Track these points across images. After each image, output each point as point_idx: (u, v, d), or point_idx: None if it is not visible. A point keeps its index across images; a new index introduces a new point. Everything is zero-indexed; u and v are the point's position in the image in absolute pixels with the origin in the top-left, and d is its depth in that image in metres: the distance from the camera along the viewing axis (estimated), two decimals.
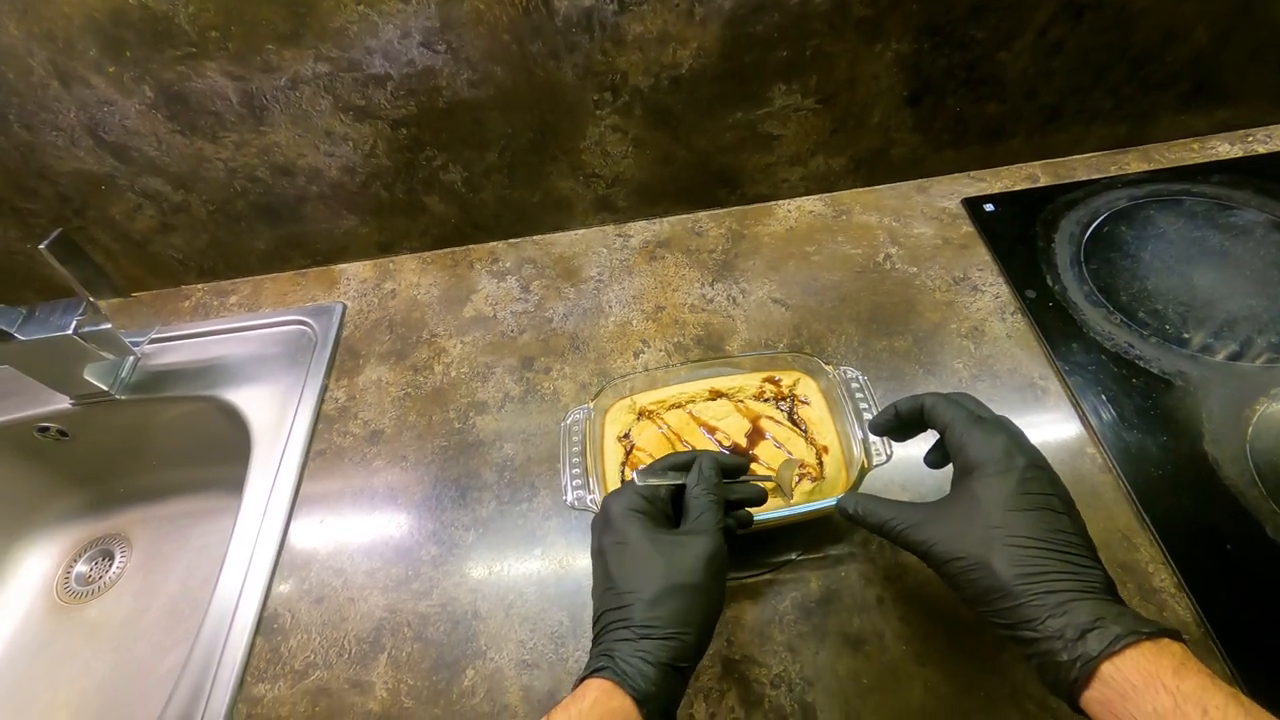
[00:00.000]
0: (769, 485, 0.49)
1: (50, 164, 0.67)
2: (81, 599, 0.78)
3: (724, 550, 0.41)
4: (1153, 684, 0.29)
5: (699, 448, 0.53)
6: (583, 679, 0.37)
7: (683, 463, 0.46)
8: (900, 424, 0.45)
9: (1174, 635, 0.32)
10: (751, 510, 0.47)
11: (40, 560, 0.81)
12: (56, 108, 0.62)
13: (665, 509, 0.44)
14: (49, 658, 0.75)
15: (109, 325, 0.65)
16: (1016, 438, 0.39)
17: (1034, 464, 0.38)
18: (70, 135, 0.65)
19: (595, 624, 0.40)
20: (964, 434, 0.40)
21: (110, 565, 0.80)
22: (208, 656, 0.54)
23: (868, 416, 0.50)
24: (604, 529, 0.42)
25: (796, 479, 0.51)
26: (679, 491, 0.45)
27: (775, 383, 0.56)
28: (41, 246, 0.58)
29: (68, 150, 0.66)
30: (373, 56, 0.61)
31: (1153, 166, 0.76)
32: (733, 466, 0.47)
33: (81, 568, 0.81)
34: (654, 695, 0.35)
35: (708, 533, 0.41)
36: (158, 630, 0.75)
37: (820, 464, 0.52)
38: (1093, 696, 0.31)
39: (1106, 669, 0.31)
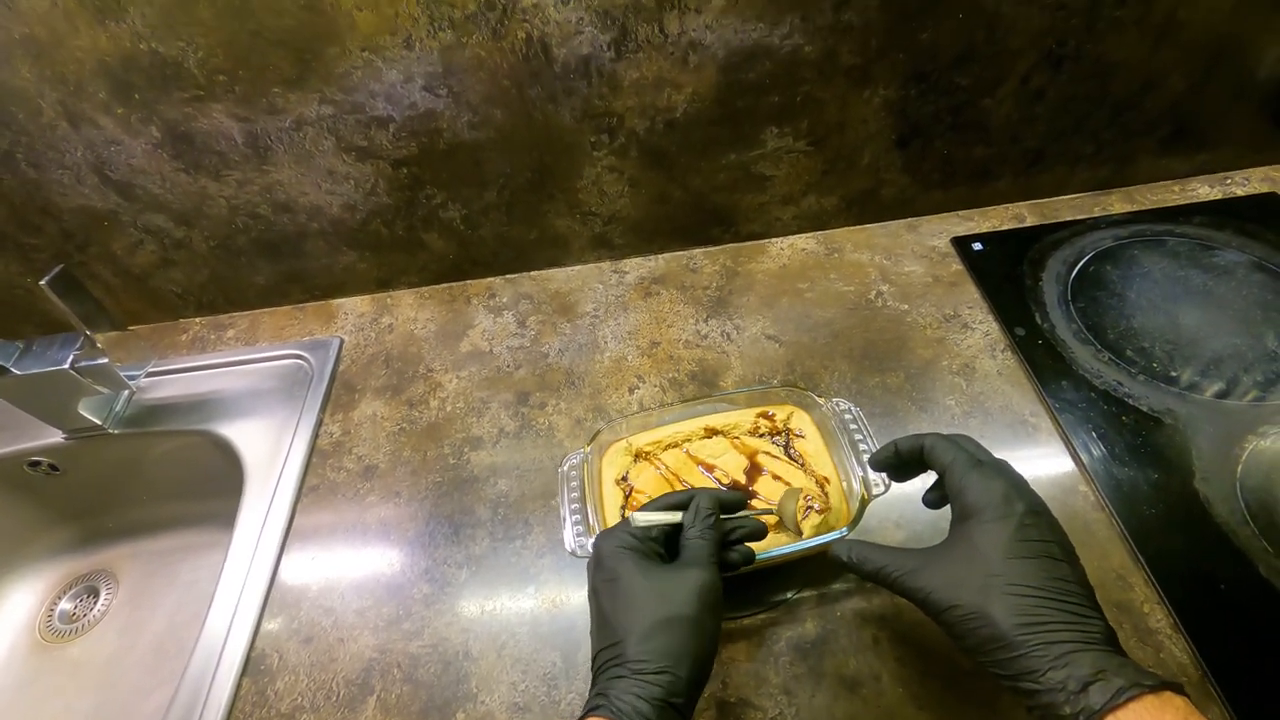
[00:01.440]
0: (770, 519, 0.49)
1: (55, 200, 0.68)
2: (65, 637, 0.77)
3: (717, 583, 0.40)
4: None
5: (698, 486, 0.53)
6: None
7: (680, 501, 0.45)
8: (900, 462, 0.45)
9: (1176, 688, 0.32)
10: (755, 546, 0.47)
11: (24, 597, 0.80)
12: (64, 147, 0.64)
13: (658, 548, 0.44)
14: (30, 698, 0.73)
15: (106, 360, 0.65)
16: (1016, 483, 0.39)
17: (1033, 510, 0.37)
18: (76, 173, 0.66)
19: (593, 664, 0.40)
20: (963, 477, 0.40)
21: (95, 602, 0.79)
22: (193, 698, 0.53)
23: (864, 448, 0.51)
24: (596, 568, 0.42)
25: (805, 511, 0.50)
26: (676, 531, 0.44)
27: (769, 417, 0.57)
28: (42, 283, 0.58)
29: (73, 188, 0.67)
30: (376, 99, 0.63)
31: (1135, 207, 0.78)
32: (731, 502, 0.47)
33: (65, 605, 0.79)
34: None
35: (700, 565, 0.41)
36: (142, 670, 0.73)
37: (825, 494, 0.52)
38: None
39: None
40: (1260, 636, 0.47)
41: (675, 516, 0.44)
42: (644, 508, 0.46)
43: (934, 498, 0.46)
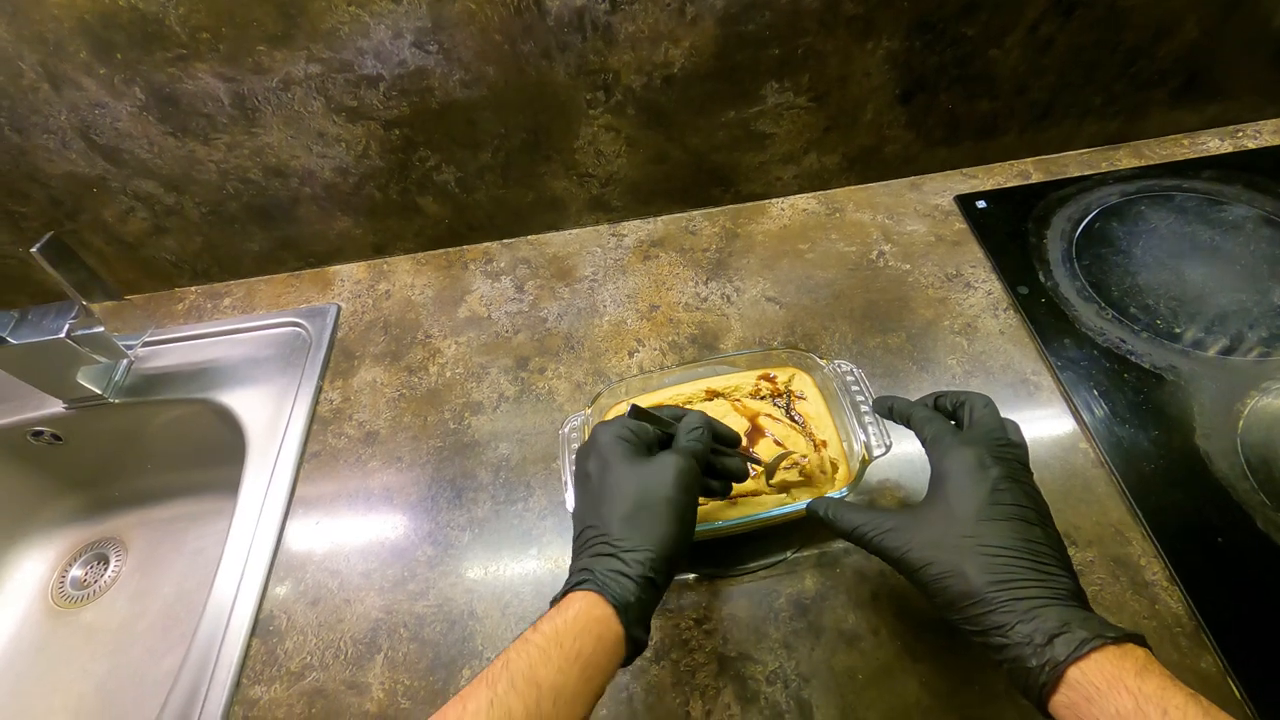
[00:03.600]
0: (756, 469, 0.50)
1: (41, 167, 0.67)
2: (77, 603, 0.78)
3: (695, 470, 0.42)
4: (1116, 686, 0.30)
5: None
6: (564, 594, 0.38)
7: (678, 415, 0.47)
8: (894, 419, 0.47)
9: (1138, 640, 0.33)
10: (760, 507, 0.49)
11: (35, 565, 0.81)
12: (47, 110, 0.62)
13: (650, 448, 0.45)
14: (45, 662, 0.74)
15: (102, 329, 0.65)
16: (993, 450, 0.40)
17: (1007, 475, 0.39)
18: (61, 138, 0.65)
19: (575, 541, 0.42)
20: (939, 444, 0.41)
21: (105, 569, 0.80)
22: (204, 659, 0.54)
23: (865, 409, 0.51)
24: (592, 452, 0.44)
25: (786, 467, 0.51)
26: (669, 439, 0.46)
27: (770, 379, 0.57)
28: (33, 250, 0.58)
29: (59, 153, 0.66)
30: (364, 57, 0.61)
31: (1144, 162, 0.77)
32: (725, 436, 0.48)
33: (76, 572, 0.80)
34: (632, 604, 0.37)
35: (680, 453, 0.42)
36: (153, 634, 0.75)
37: (811, 459, 0.52)
38: (1060, 700, 0.32)
39: (1073, 673, 0.31)
40: (1254, 587, 0.47)
41: (670, 426, 0.46)
42: (643, 409, 0.47)
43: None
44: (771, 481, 0.50)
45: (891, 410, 0.47)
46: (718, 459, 0.46)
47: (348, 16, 0.58)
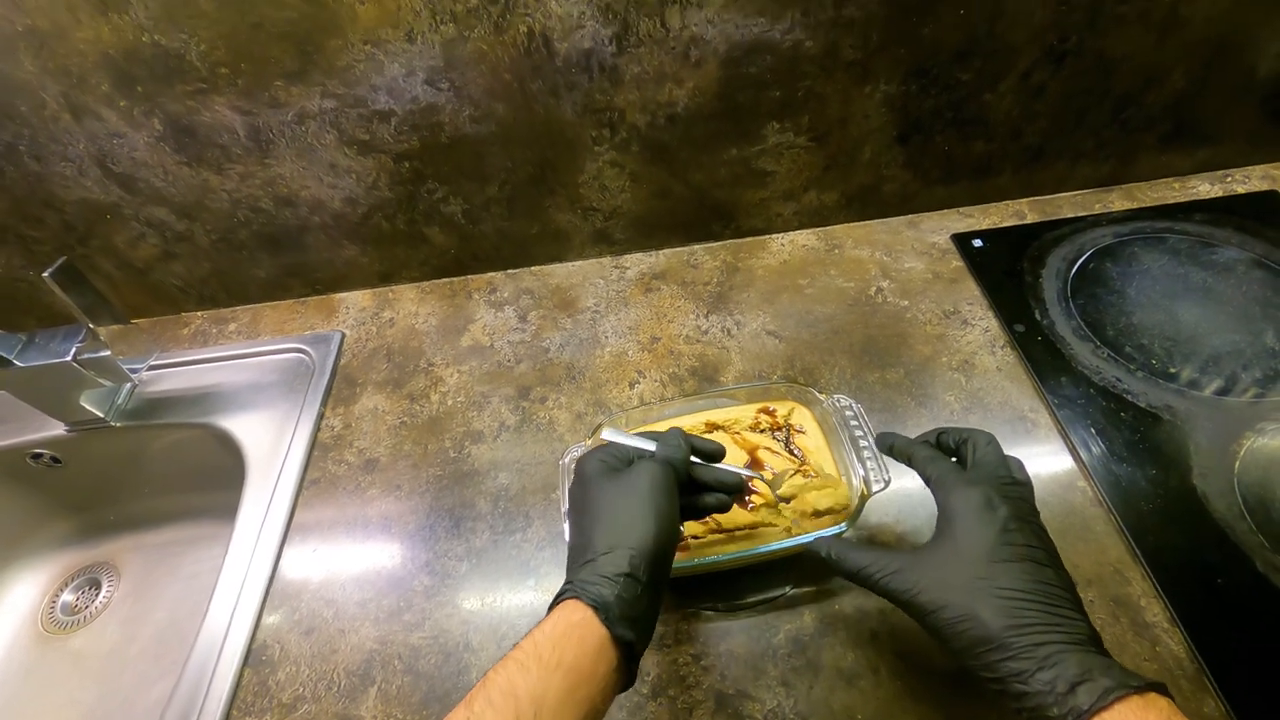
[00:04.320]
0: (756, 499, 0.51)
1: (57, 193, 0.68)
2: (67, 629, 0.77)
3: (669, 473, 0.42)
4: None
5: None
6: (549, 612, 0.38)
7: (657, 436, 0.47)
8: (895, 457, 0.47)
9: (1160, 689, 0.32)
10: (758, 541, 0.48)
11: (26, 589, 0.80)
12: (67, 139, 0.64)
13: (630, 465, 0.45)
14: (32, 689, 0.73)
15: (108, 352, 0.65)
16: (1000, 489, 0.39)
17: (1016, 516, 0.38)
18: (79, 166, 0.66)
19: (567, 571, 0.41)
20: (944, 483, 0.41)
21: (97, 594, 0.79)
22: (194, 688, 0.53)
23: (864, 444, 0.51)
24: (576, 484, 0.45)
25: (790, 473, 0.51)
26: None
27: (770, 413, 0.57)
28: (45, 274, 0.58)
29: (75, 180, 0.67)
30: (378, 93, 0.63)
31: (1136, 205, 0.78)
32: (707, 451, 0.47)
33: (68, 597, 0.80)
34: (612, 602, 0.36)
35: (653, 460, 0.43)
36: (144, 661, 0.74)
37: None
38: None
39: None
40: (1256, 630, 0.47)
41: (647, 444, 0.46)
42: (618, 431, 0.48)
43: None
44: (779, 492, 0.51)
45: (893, 448, 0.47)
46: (703, 470, 0.46)
47: (363, 55, 0.60)
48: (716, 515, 0.52)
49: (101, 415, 0.71)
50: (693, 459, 0.46)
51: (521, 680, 0.33)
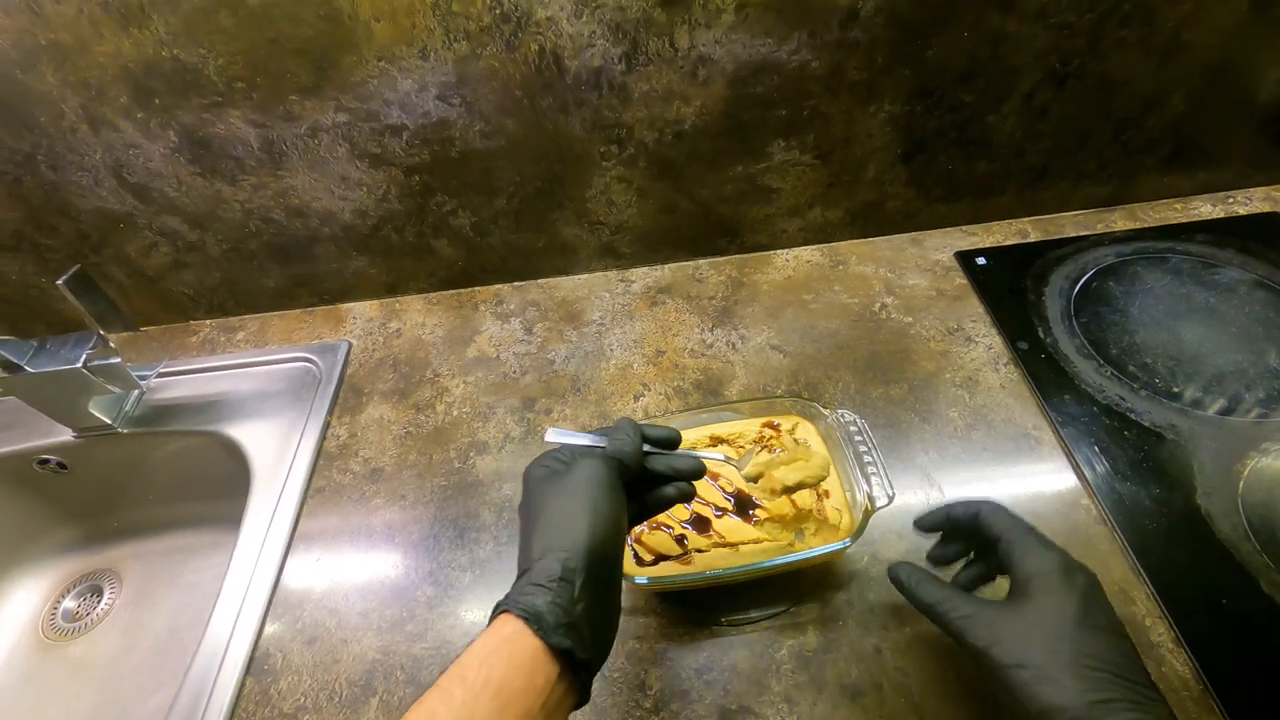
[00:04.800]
0: (759, 513, 0.51)
1: (73, 202, 0.69)
2: (67, 636, 0.77)
3: (606, 470, 0.39)
4: None
5: (702, 495, 0.54)
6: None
7: (607, 430, 0.44)
8: (951, 526, 0.45)
9: None
10: (757, 556, 0.48)
11: (28, 595, 0.80)
12: (84, 150, 0.65)
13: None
14: (30, 697, 0.73)
15: (118, 359, 0.66)
16: (1072, 558, 0.40)
17: (1094, 583, 0.38)
18: (95, 176, 0.67)
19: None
20: (1021, 543, 0.40)
21: (99, 601, 0.79)
22: (196, 696, 0.53)
23: (868, 459, 0.51)
24: (522, 496, 0.42)
25: (757, 449, 0.50)
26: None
27: (774, 427, 0.57)
28: (59, 282, 0.59)
29: (91, 190, 0.68)
30: (390, 108, 0.64)
31: (1138, 225, 0.79)
32: (662, 439, 0.45)
33: (69, 603, 0.79)
34: (543, 610, 0.33)
35: (592, 457, 0.40)
36: (143, 670, 0.73)
37: (820, 507, 0.52)
38: None
39: None
40: (1262, 652, 0.47)
41: (595, 440, 0.43)
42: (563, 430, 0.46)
43: (947, 553, 0.47)
44: (745, 472, 0.49)
45: (949, 517, 0.46)
46: (657, 460, 0.43)
47: (377, 70, 0.61)
48: (719, 529, 0.52)
49: (109, 422, 0.72)
50: (650, 449, 0.44)
51: (443, 709, 0.31)
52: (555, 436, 0.44)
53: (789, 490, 0.48)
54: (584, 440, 0.43)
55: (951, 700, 0.47)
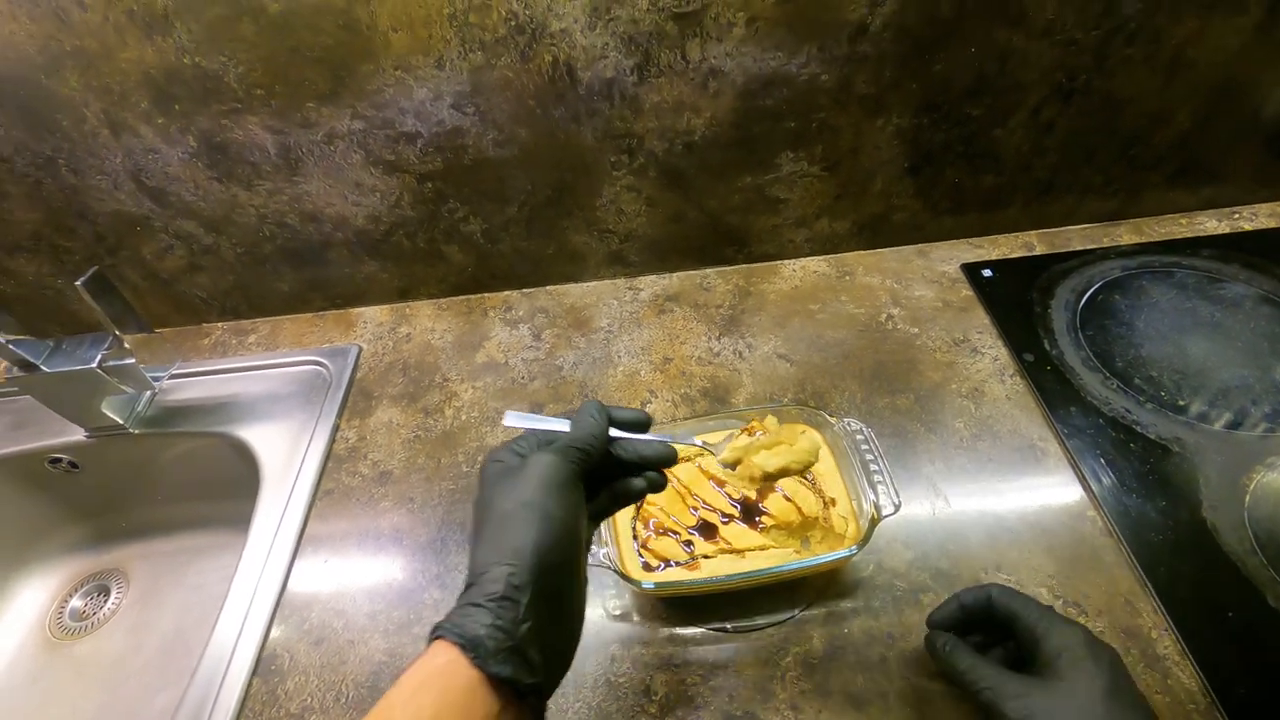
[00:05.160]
0: (767, 520, 0.51)
1: (91, 205, 0.70)
2: (74, 635, 0.77)
3: (560, 465, 0.35)
4: None
5: (709, 502, 0.54)
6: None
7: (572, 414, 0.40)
8: (965, 616, 0.45)
9: None
10: (763, 562, 0.48)
11: (36, 594, 0.81)
12: (104, 154, 0.66)
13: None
14: (36, 696, 0.73)
15: (133, 360, 0.66)
16: (1088, 629, 0.40)
17: (1118, 658, 0.39)
18: (114, 179, 0.68)
19: None
20: (1040, 620, 0.41)
21: (106, 601, 0.80)
22: (203, 696, 0.53)
23: (874, 468, 0.51)
24: (475, 496, 0.38)
25: (737, 433, 0.47)
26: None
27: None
28: (78, 283, 0.60)
29: (109, 193, 0.70)
30: (405, 116, 0.65)
31: (1144, 239, 0.80)
32: (630, 421, 0.40)
33: (77, 603, 0.80)
34: (482, 635, 0.30)
35: (549, 452, 0.36)
36: (149, 670, 0.74)
37: (827, 518, 0.52)
38: None
39: None
40: (1267, 665, 0.47)
41: (557, 424, 0.39)
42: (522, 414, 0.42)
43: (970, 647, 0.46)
44: (721, 458, 0.46)
45: (961, 605, 0.45)
46: (624, 448, 0.40)
47: (393, 79, 0.62)
48: (726, 535, 0.53)
49: (121, 422, 0.72)
50: (618, 434, 0.40)
51: None
52: (514, 420, 0.40)
53: (770, 477, 0.45)
54: (545, 424, 0.39)
55: (956, 710, 0.47)
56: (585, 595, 0.37)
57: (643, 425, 0.41)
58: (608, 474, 0.40)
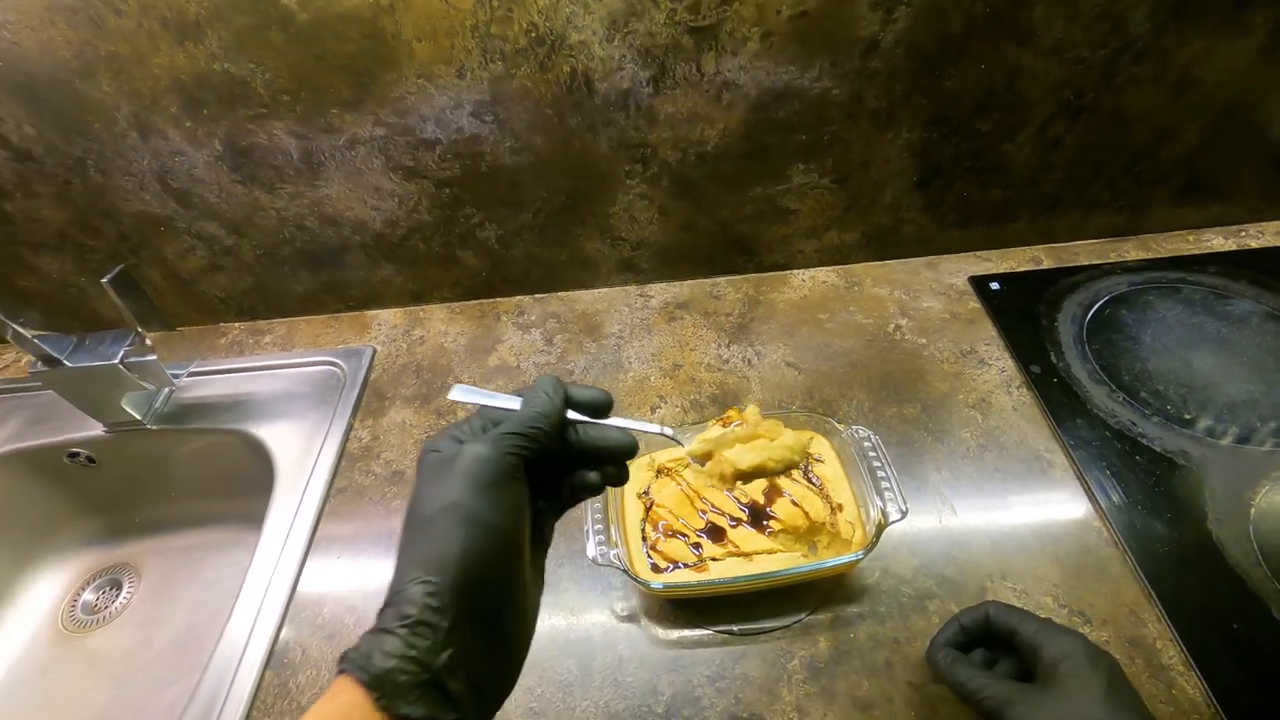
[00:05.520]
0: (774, 524, 0.51)
1: (117, 205, 0.72)
2: (85, 628, 0.78)
3: (504, 464, 0.30)
4: None
5: (717, 505, 0.55)
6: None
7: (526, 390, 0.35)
8: (966, 636, 0.46)
9: None
10: (770, 566, 0.48)
11: (49, 587, 0.82)
12: (132, 156, 0.68)
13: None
14: (47, 687, 0.74)
15: (154, 357, 0.68)
16: (1086, 638, 0.41)
17: (1117, 664, 0.39)
18: (140, 180, 0.70)
19: None
20: (1038, 631, 0.42)
21: (118, 595, 0.81)
22: (216, 688, 0.54)
23: (881, 475, 0.52)
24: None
25: (710, 424, 0.44)
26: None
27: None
28: (104, 280, 0.62)
29: (135, 194, 0.71)
30: (426, 123, 0.67)
31: (1150, 255, 0.80)
32: (590, 401, 0.35)
33: (89, 596, 0.81)
34: (391, 671, 0.26)
35: (483, 442, 0.31)
36: (159, 664, 0.74)
37: (832, 521, 0.53)
38: None
39: None
40: (1271, 676, 0.47)
41: (509, 401, 0.34)
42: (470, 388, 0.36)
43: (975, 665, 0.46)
44: (689, 450, 0.42)
45: (962, 627, 0.45)
46: (581, 434, 0.35)
47: (415, 87, 0.64)
48: (734, 538, 0.53)
49: (139, 418, 0.74)
50: (576, 417, 0.35)
51: None
52: (461, 395, 0.36)
53: (743, 476, 0.41)
54: (495, 401, 0.35)
55: (961, 716, 0.47)
56: (535, 609, 0.33)
57: (604, 407, 0.36)
58: (570, 461, 0.35)
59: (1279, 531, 0.55)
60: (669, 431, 0.40)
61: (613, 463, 0.36)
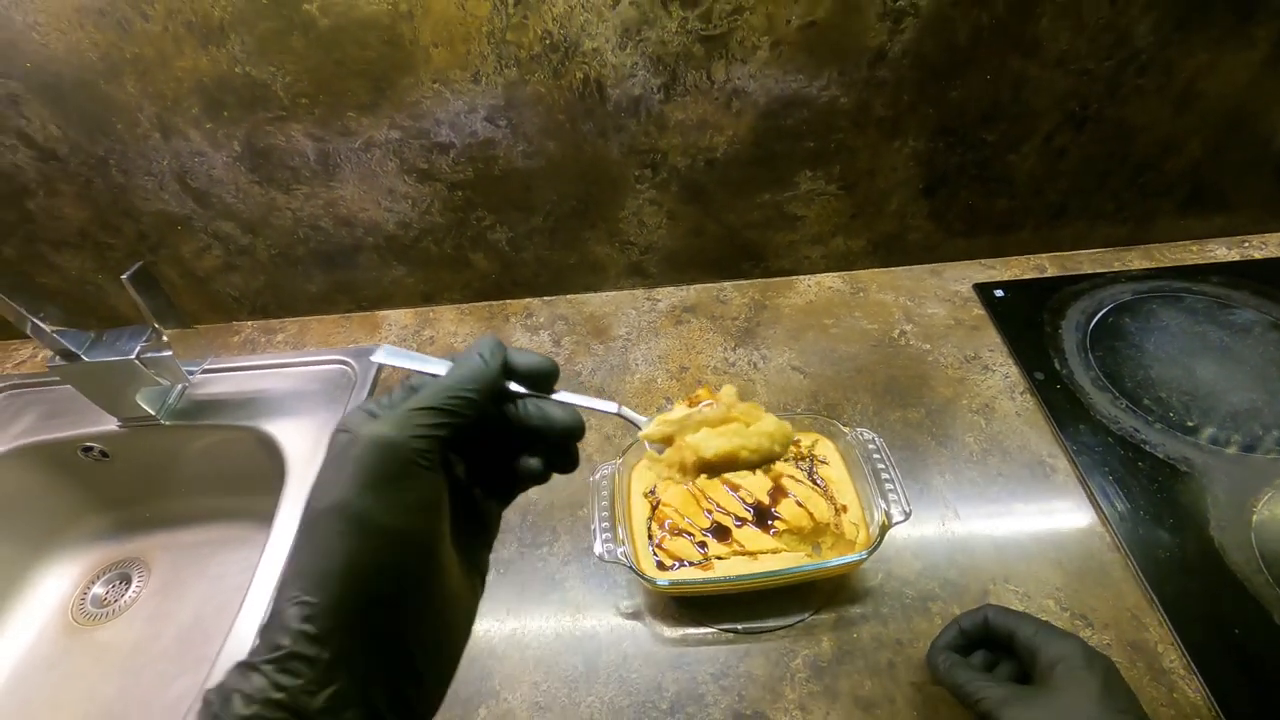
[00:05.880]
0: (779, 525, 0.51)
1: (137, 204, 0.74)
2: (95, 621, 0.79)
3: (409, 450, 0.25)
4: None
5: (723, 505, 0.55)
6: None
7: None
8: (965, 639, 0.47)
9: None
10: (775, 565, 0.49)
11: (59, 580, 0.83)
12: (153, 156, 0.69)
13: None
14: (55, 680, 0.75)
15: (170, 353, 0.69)
16: (1084, 641, 0.42)
17: (1113, 667, 0.40)
18: (160, 180, 0.72)
19: None
20: (1036, 634, 0.42)
21: (127, 589, 0.82)
22: None
23: (885, 477, 0.53)
24: None
25: (674, 404, 0.38)
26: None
27: (795, 443, 0.59)
28: (124, 277, 0.63)
29: (155, 193, 0.73)
30: (440, 127, 0.68)
31: (1154, 264, 0.81)
32: (534, 368, 0.29)
33: (99, 589, 0.82)
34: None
35: (389, 420, 0.25)
36: (166, 658, 0.75)
37: (837, 523, 0.54)
38: None
39: None
40: (1272, 681, 0.47)
41: (438, 365, 0.29)
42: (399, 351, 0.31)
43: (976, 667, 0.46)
44: (645, 433, 0.35)
45: (961, 630, 0.46)
46: (531, 407, 0.29)
47: (431, 92, 0.65)
48: (739, 538, 0.54)
49: (153, 413, 0.75)
50: (516, 388, 0.29)
51: None
52: (385, 357, 0.31)
53: (709, 467, 0.33)
54: (423, 364, 0.29)
55: (962, 717, 0.48)
56: (467, 617, 0.28)
57: (545, 376, 0.30)
58: (502, 443, 0.29)
59: None
60: (626, 411, 0.33)
61: (558, 446, 0.30)
